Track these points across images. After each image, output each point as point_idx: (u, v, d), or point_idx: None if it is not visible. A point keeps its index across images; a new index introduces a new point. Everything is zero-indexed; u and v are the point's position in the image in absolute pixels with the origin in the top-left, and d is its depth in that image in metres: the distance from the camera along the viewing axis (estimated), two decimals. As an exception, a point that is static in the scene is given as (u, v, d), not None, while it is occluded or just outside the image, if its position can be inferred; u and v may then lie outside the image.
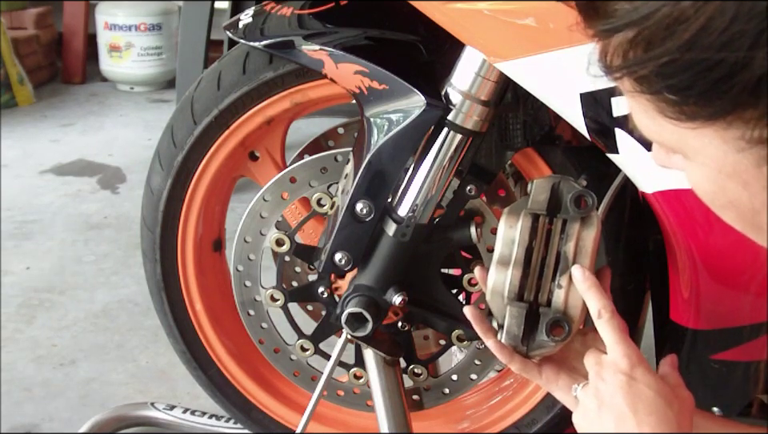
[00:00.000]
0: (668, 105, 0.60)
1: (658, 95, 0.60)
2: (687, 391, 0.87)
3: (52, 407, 1.88)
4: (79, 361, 2.06)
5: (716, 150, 0.61)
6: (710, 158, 0.62)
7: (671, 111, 0.60)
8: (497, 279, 0.95)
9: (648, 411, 0.81)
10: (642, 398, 0.82)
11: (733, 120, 0.58)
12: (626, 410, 0.82)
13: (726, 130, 0.59)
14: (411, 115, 1.09)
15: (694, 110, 0.59)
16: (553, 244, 0.94)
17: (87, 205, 3.03)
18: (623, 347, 0.85)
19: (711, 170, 0.63)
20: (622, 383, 0.83)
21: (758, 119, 0.57)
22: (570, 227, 0.93)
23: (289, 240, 1.26)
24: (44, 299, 2.35)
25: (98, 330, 2.21)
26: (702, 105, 0.58)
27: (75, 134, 3.82)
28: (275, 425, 1.47)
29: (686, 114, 0.59)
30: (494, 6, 0.96)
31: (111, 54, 4.55)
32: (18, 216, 2.89)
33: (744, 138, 0.59)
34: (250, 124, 1.27)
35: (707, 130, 0.60)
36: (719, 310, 1.02)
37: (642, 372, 0.83)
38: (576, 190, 0.93)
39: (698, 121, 0.59)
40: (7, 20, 4.43)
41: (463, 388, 1.37)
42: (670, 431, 0.80)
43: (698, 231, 0.99)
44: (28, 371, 2.01)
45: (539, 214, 0.94)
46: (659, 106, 0.61)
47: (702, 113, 0.59)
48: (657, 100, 0.60)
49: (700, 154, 0.62)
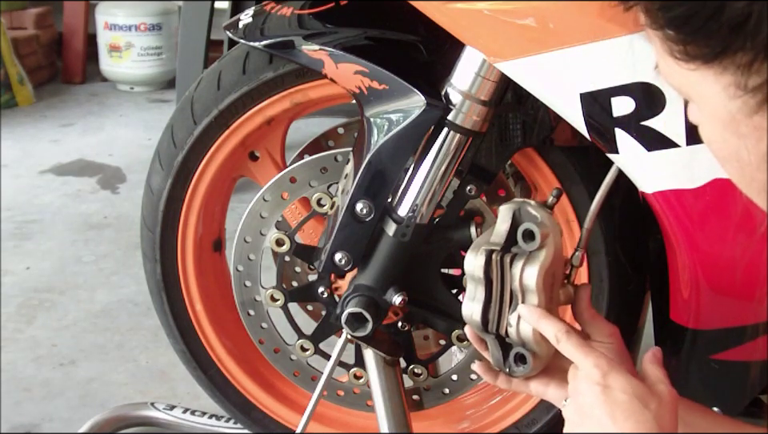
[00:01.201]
0: (674, 44, 0.67)
1: (664, 31, 0.67)
2: (668, 386, 0.88)
3: (52, 407, 1.88)
4: (79, 361, 2.06)
5: (715, 96, 0.67)
6: (710, 104, 0.68)
7: (677, 51, 0.67)
8: (465, 310, 1.00)
9: (625, 415, 0.83)
10: (618, 403, 0.84)
11: (727, 65, 0.64)
12: (605, 418, 0.84)
13: (721, 74, 0.65)
14: (411, 115, 1.09)
15: (694, 50, 0.65)
16: (506, 280, 0.96)
17: (87, 205, 3.03)
18: (591, 358, 0.87)
19: (713, 117, 0.68)
20: (597, 393, 0.85)
21: (747, 65, 0.63)
22: (515, 265, 0.95)
23: (289, 240, 1.26)
24: (44, 299, 2.35)
25: (97, 330, 2.21)
26: (699, 43, 0.65)
27: (75, 134, 3.82)
28: (275, 425, 1.47)
29: (688, 54, 0.66)
30: (494, 6, 0.96)
31: (111, 54, 4.55)
32: (18, 216, 2.89)
33: (736, 84, 0.65)
34: (250, 124, 1.27)
35: (707, 74, 0.66)
36: (719, 310, 1.02)
37: (615, 377, 0.85)
38: (527, 222, 0.95)
39: (697, 61, 0.66)
40: (7, 20, 4.43)
41: (463, 388, 1.37)
42: (649, 430, 0.82)
43: (697, 231, 0.99)
44: (28, 371, 2.01)
45: (492, 251, 0.96)
46: (668, 46, 0.68)
47: (699, 53, 0.65)
48: (664, 38, 0.67)
49: (703, 100, 0.68)
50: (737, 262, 1.00)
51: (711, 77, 0.66)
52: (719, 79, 0.66)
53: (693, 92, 0.70)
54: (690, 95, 0.70)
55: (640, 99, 0.93)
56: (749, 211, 0.96)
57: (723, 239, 0.99)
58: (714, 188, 0.95)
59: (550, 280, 0.95)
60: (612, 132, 0.97)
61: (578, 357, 0.88)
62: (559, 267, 0.98)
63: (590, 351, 0.88)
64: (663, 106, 0.93)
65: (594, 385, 0.85)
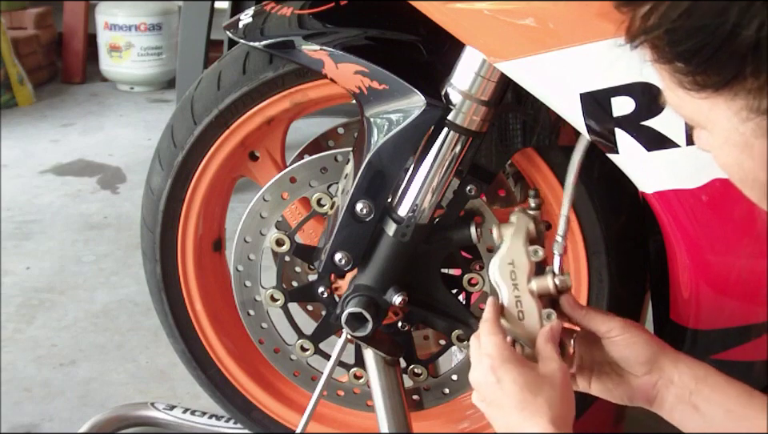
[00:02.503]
0: (683, 76, 0.67)
1: (672, 65, 0.67)
2: (557, 362, 0.94)
3: (52, 407, 1.88)
4: (79, 361, 2.06)
5: (727, 121, 0.67)
6: (723, 129, 0.68)
7: (687, 82, 0.67)
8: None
9: (521, 407, 0.90)
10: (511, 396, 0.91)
11: (738, 91, 0.65)
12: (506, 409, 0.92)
13: (733, 100, 0.66)
14: (411, 115, 1.09)
15: (704, 79, 0.66)
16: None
17: (87, 205, 3.03)
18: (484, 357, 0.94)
19: (726, 142, 0.69)
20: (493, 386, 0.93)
21: (758, 90, 0.64)
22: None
23: (289, 240, 1.26)
24: (44, 299, 2.35)
25: (98, 330, 2.21)
26: (709, 73, 0.65)
27: (75, 134, 3.82)
28: (275, 425, 1.47)
29: (698, 84, 0.66)
30: (494, 6, 0.96)
31: (111, 54, 4.55)
32: (17, 216, 2.89)
33: (748, 108, 0.65)
34: (250, 124, 1.27)
35: (718, 101, 0.67)
36: (719, 310, 1.02)
37: (504, 371, 0.92)
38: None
39: (708, 90, 0.66)
40: (7, 20, 4.43)
41: (463, 388, 1.37)
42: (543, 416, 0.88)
43: (697, 231, 0.99)
44: (28, 371, 2.01)
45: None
46: (677, 78, 0.68)
47: (710, 82, 0.66)
48: (673, 71, 0.68)
49: (716, 126, 0.69)
50: (737, 262, 1.00)
51: (722, 103, 0.67)
52: (731, 105, 0.66)
53: (704, 120, 0.70)
54: (702, 123, 0.71)
55: (640, 99, 0.93)
56: (749, 211, 0.96)
57: (723, 239, 0.99)
58: (713, 188, 0.95)
59: (525, 269, 1.03)
60: (612, 132, 0.97)
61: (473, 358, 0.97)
62: (528, 257, 1.03)
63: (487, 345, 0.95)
64: (663, 106, 0.93)
65: (488, 378, 0.93)
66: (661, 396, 0.97)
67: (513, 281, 1.03)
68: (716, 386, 0.94)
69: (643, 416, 1.88)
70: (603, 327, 0.99)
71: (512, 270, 1.03)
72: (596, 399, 1.32)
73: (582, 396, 1.29)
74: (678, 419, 0.97)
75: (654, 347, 0.97)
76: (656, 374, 0.96)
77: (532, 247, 1.03)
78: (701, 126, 0.71)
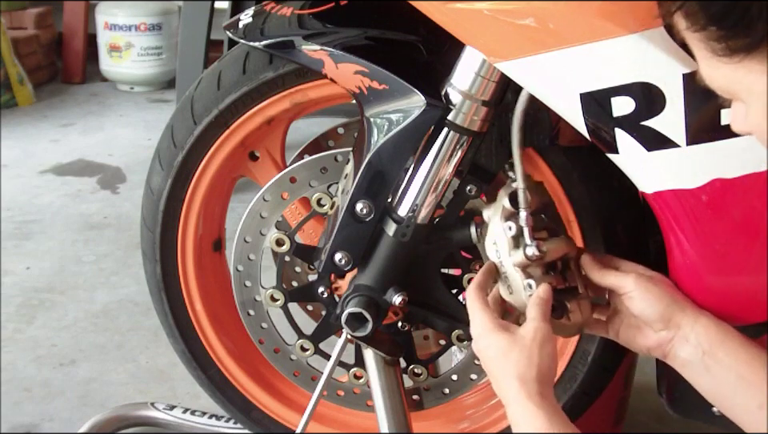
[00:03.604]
0: (716, 42, 0.69)
1: (706, 31, 0.69)
2: (533, 322, 0.99)
3: (52, 407, 1.88)
4: (79, 361, 2.06)
5: (762, 84, 0.69)
6: (760, 93, 0.70)
7: (720, 48, 0.69)
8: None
9: (497, 370, 0.99)
10: (489, 361, 1.00)
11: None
12: (491, 374, 1.01)
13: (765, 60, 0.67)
14: (411, 115, 1.09)
15: (737, 43, 0.68)
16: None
17: (87, 205, 3.03)
18: (472, 325, 1.03)
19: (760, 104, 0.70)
20: (480, 354, 1.02)
21: None
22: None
23: (289, 240, 1.26)
24: (44, 299, 2.35)
25: (98, 330, 2.21)
26: (741, 34, 0.67)
27: (75, 134, 3.82)
28: (275, 425, 1.47)
29: (731, 49, 0.68)
30: (494, 6, 0.95)
31: (111, 54, 4.55)
32: (17, 216, 2.89)
33: None
34: (250, 124, 1.27)
35: (752, 64, 0.68)
36: (719, 310, 1.02)
37: (484, 340, 1.01)
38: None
39: (741, 53, 0.68)
40: (7, 20, 4.43)
41: (463, 388, 1.37)
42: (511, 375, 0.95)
43: (697, 231, 0.99)
44: (28, 371, 2.01)
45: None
46: (711, 46, 0.70)
47: (742, 44, 0.68)
48: (707, 38, 0.70)
49: (752, 92, 0.70)
50: (737, 262, 1.00)
51: (756, 66, 0.68)
52: (763, 66, 0.68)
53: (741, 88, 0.72)
54: (739, 93, 0.72)
55: (640, 99, 0.93)
56: (749, 211, 0.96)
57: (723, 239, 0.99)
58: (713, 188, 0.95)
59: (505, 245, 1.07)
60: (612, 132, 0.97)
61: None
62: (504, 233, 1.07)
63: (471, 318, 1.03)
64: (663, 106, 0.93)
65: (476, 349, 1.03)
66: (674, 352, 1.00)
67: (498, 259, 1.07)
68: (730, 351, 0.96)
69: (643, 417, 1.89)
70: (617, 283, 1.03)
71: (496, 249, 1.08)
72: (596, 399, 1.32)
73: (583, 394, 1.30)
74: (688, 375, 1.00)
75: (669, 304, 1.00)
76: (672, 330, 1.00)
77: (506, 224, 1.06)
78: (737, 96, 0.73)
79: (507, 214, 1.07)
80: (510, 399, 0.96)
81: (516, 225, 1.05)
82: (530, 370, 0.95)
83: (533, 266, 1.05)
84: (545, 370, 0.96)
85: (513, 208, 1.07)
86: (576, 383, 1.29)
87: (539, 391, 0.94)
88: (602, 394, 1.32)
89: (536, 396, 0.94)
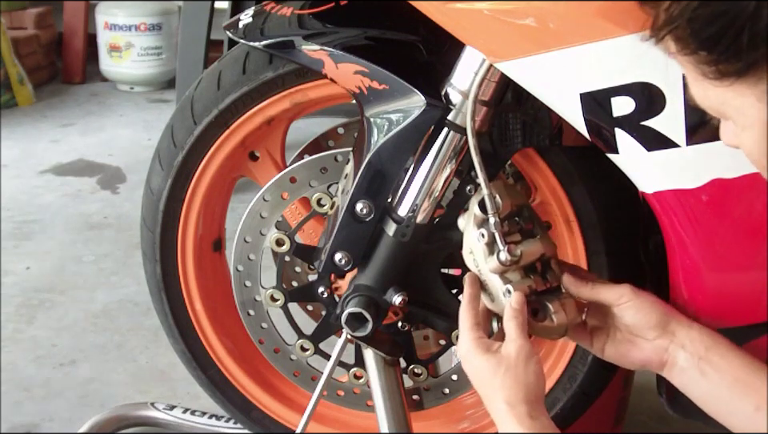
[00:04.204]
0: (707, 66, 0.69)
1: (696, 55, 0.69)
2: (514, 342, 0.98)
3: (52, 407, 1.88)
4: (79, 361, 2.06)
5: (751, 107, 0.69)
6: (749, 116, 0.70)
7: (710, 72, 0.69)
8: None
9: (484, 389, 0.99)
10: (477, 379, 1.00)
11: (761, 75, 0.67)
12: (481, 396, 1.01)
13: (756, 85, 0.67)
14: (411, 115, 1.09)
15: (727, 67, 0.68)
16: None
17: (87, 205, 3.03)
18: (458, 346, 1.04)
19: (753, 129, 0.70)
20: (468, 376, 1.02)
21: None
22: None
23: (289, 240, 1.26)
24: (44, 299, 2.35)
25: (97, 330, 2.21)
26: (731, 59, 0.67)
27: (75, 134, 3.82)
28: (275, 425, 1.47)
29: (721, 73, 0.68)
30: (494, 6, 0.96)
31: (111, 54, 4.55)
32: (17, 216, 2.89)
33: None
34: (250, 124, 1.27)
35: (742, 88, 0.68)
36: (719, 310, 1.02)
37: (472, 357, 1.00)
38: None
39: (731, 77, 0.68)
40: (7, 20, 4.43)
41: (463, 388, 1.37)
42: (498, 398, 0.95)
43: (697, 231, 0.99)
44: (28, 371, 2.01)
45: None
46: (701, 69, 0.70)
47: (733, 69, 0.67)
48: (697, 62, 0.70)
49: (742, 114, 0.70)
50: (737, 262, 1.00)
51: (747, 90, 0.68)
52: (755, 91, 0.68)
53: (731, 109, 0.71)
54: (729, 113, 0.72)
55: (640, 99, 0.93)
56: (749, 211, 0.96)
57: (723, 239, 0.99)
58: (713, 188, 0.95)
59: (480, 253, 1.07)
60: (612, 132, 0.97)
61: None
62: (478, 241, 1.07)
63: (460, 336, 1.04)
64: (663, 106, 0.93)
65: (466, 371, 1.03)
66: (671, 360, 0.99)
67: (476, 268, 1.07)
68: (725, 355, 0.96)
69: (643, 417, 1.89)
70: (612, 295, 1.02)
71: (473, 258, 1.07)
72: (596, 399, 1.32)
73: (583, 394, 1.30)
74: (684, 383, 0.99)
75: (664, 312, 1.00)
76: (668, 338, 0.99)
77: (479, 231, 1.05)
78: (727, 117, 0.73)
79: (479, 222, 1.06)
80: (499, 423, 0.96)
81: (488, 232, 1.04)
82: (517, 392, 0.95)
83: (510, 271, 1.04)
84: (532, 388, 0.96)
85: (484, 215, 1.05)
86: (576, 383, 1.29)
87: (528, 413, 0.93)
88: (601, 394, 1.32)
89: (526, 419, 0.93)
